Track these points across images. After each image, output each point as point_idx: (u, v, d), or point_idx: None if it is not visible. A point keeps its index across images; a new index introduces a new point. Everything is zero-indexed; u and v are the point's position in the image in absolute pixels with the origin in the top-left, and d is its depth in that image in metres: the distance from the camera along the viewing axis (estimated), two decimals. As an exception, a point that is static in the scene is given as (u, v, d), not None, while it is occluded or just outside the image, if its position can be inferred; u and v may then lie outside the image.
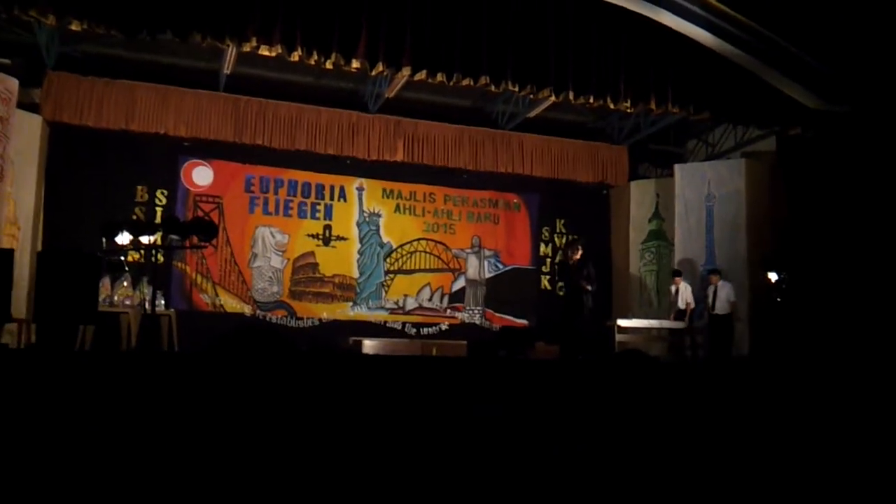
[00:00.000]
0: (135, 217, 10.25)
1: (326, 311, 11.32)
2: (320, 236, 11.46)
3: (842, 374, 4.80)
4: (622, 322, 10.61)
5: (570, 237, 12.43)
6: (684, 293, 10.38)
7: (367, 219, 11.75)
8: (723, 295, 10.19)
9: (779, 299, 9.97)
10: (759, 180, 10.76)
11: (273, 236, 11.18)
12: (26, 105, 9.22)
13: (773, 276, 10.06)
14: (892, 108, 9.22)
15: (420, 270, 11.98)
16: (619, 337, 10.55)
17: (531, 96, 9.50)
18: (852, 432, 3.70)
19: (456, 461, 2.96)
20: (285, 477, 2.72)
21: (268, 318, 10.93)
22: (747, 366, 7.61)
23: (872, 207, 9.41)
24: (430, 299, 11.96)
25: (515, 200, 12.58)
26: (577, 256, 9.51)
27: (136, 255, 9.73)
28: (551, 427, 3.32)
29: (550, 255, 12.71)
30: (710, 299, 10.30)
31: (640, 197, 12.24)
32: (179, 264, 10.57)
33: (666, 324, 10.65)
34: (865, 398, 4.10)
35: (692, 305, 10.40)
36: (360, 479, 2.79)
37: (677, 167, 11.49)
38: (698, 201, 11.09)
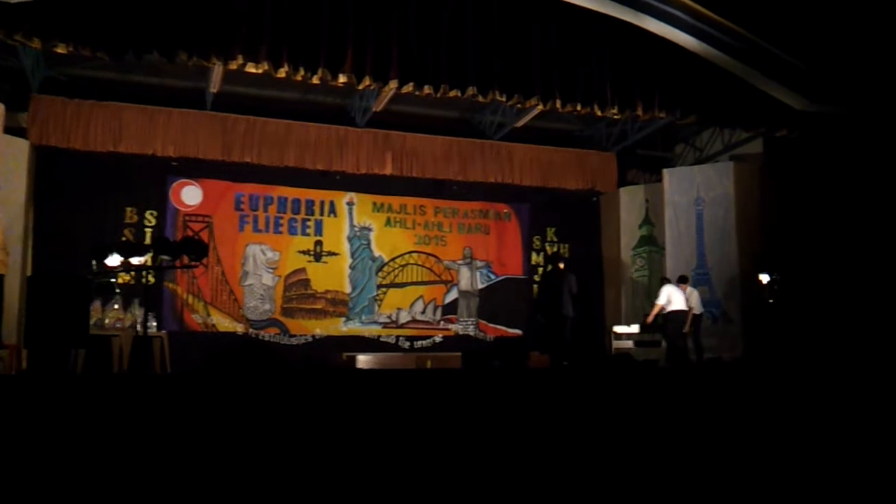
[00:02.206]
0: (125, 238, 10.22)
1: (319, 328, 11.28)
2: (311, 252, 11.43)
3: (835, 375, 4.80)
4: (618, 328, 10.60)
5: (558, 247, 12.53)
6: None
7: (358, 233, 11.73)
8: (695, 299, 10.17)
9: (770, 301, 9.99)
10: (747, 182, 10.80)
11: (264, 254, 11.15)
12: (13, 129, 9.20)
13: (764, 278, 10.08)
14: (877, 108, 9.30)
15: (412, 283, 11.95)
16: (615, 343, 10.52)
17: (518, 106, 9.52)
18: (845, 432, 3.69)
19: (456, 472, 2.94)
20: (283, 495, 2.69)
21: (260, 336, 10.89)
22: (742, 368, 7.62)
23: (861, 206, 9.47)
24: (423, 312, 11.93)
25: (506, 210, 12.59)
26: (561, 266, 10.03)
27: (127, 277, 9.70)
28: (545, 433, 3.31)
29: (542, 264, 12.70)
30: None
31: (629, 203, 12.27)
32: (170, 285, 10.51)
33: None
34: (859, 398, 4.10)
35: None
36: (357, 495, 2.77)
37: (666, 172, 11.52)
38: (688, 205, 11.13)
